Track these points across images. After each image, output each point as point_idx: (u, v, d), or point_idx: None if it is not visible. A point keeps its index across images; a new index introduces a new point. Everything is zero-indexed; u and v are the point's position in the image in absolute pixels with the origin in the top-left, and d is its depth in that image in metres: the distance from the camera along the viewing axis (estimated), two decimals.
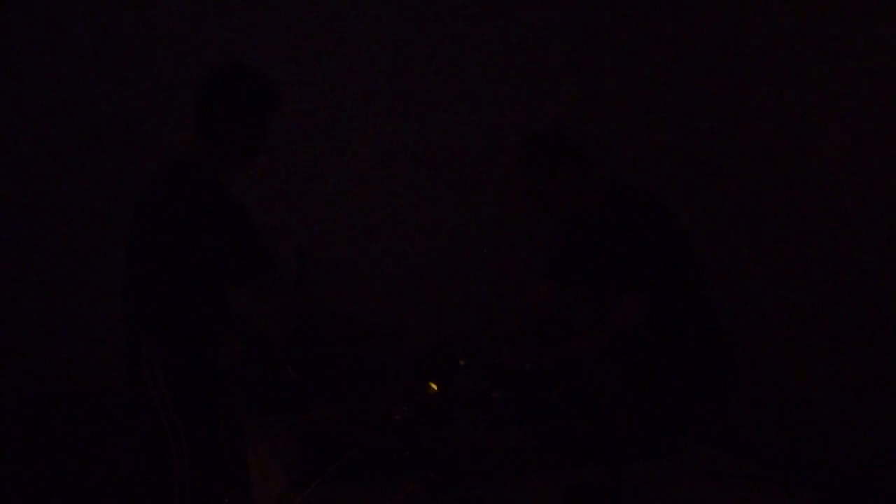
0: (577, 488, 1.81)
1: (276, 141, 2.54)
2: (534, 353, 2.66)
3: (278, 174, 5.07)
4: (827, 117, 4.16)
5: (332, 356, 2.76)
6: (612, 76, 5.65)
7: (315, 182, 5.36)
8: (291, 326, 2.68)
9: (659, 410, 2.43)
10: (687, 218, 2.80)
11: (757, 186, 4.63)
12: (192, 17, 5.02)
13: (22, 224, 4.96)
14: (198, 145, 2.51)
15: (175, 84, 4.96)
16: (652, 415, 2.34)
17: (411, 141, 5.50)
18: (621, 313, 2.62)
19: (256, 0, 5.15)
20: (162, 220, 2.41)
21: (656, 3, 5.28)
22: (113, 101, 4.97)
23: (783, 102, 4.42)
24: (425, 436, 2.12)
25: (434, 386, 2.56)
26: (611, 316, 2.65)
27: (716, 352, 2.74)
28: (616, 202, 2.67)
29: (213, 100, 2.49)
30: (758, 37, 4.58)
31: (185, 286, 2.43)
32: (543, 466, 2.01)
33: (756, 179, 4.63)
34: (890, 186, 3.85)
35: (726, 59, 4.79)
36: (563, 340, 2.70)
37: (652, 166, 5.20)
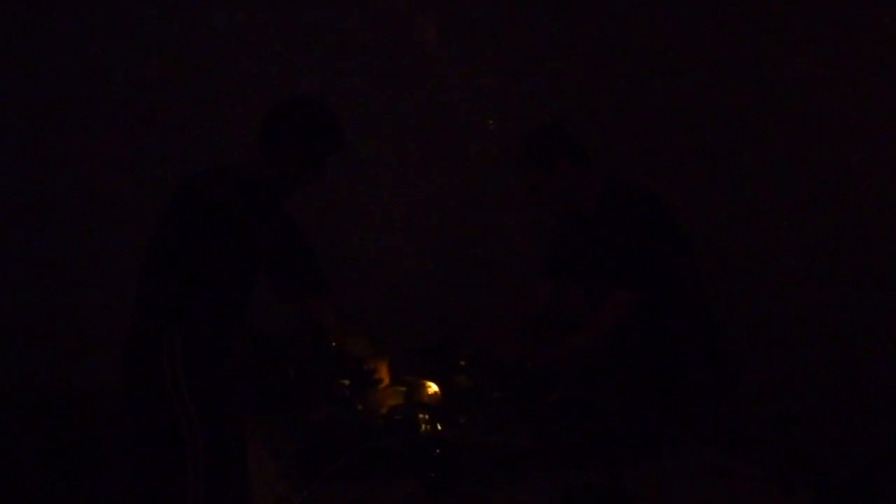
0: (577, 488, 1.81)
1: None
2: (531, 352, 2.67)
3: None
4: (825, 114, 4.16)
5: (331, 357, 2.77)
6: (613, 75, 5.64)
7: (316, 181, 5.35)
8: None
9: (657, 410, 2.43)
10: (686, 217, 2.80)
11: (756, 185, 4.63)
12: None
13: (21, 224, 4.95)
14: (256, 162, 2.57)
15: (167, 86, 4.96)
16: (650, 414, 2.34)
17: (412, 140, 5.49)
18: (609, 310, 2.63)
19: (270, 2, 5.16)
20: (221, 222, 2.44)
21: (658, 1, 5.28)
22: (108, 102, 4.97)
23: (781, 101, 4.42)
24: (425, 436, 2.12)
25: (434, 386, 2.57)
26: (599, 312, 2.66)
27: (711, 350, 2.74)
28: (612, 201, 2.68)
29: (284, 132, 2.56)
30: (755, 37, 4.58)
31: (221, 288, 2.47)
32: (543, 466, 2.01)
33: (755, 178, 4.63)
34: (889, 184, 3.86)
35: (724, 59, 4.79)
36: (556, 339, 2.71)
37: (650, 165, 5.19)
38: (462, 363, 2.77)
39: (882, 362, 3.86)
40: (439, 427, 2.22)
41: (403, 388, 2.61)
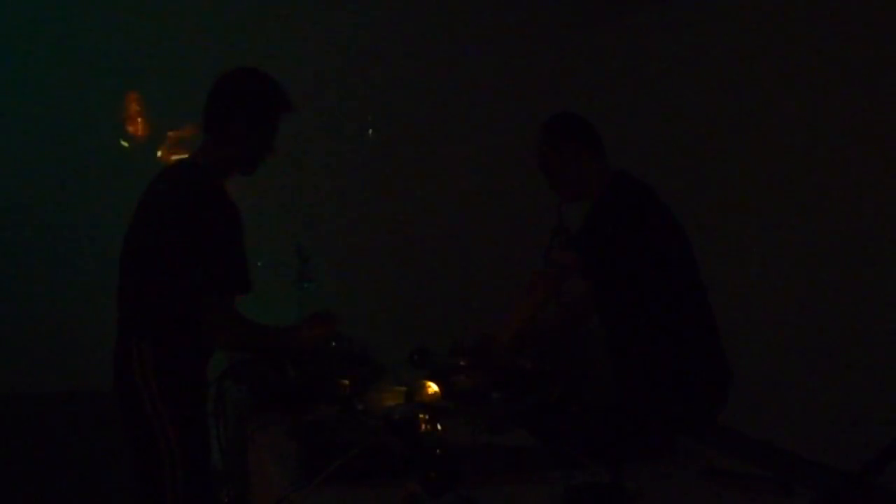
0: (577, 488, 1.81)
1: (282, 145, 2.57)
2: (507, 333, 2.71)
3: (279, 173, 5.09)
4: (823, 116, 4.16)
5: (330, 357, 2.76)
6: (613, 77, 5.65)
7: (315, 181, 5.36)
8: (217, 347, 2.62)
9: (657, 410, 2.43)
10: (687, 217, 2.80)
11: (756, 187, 4.63)
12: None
13: (21, 225, 4.96)
14: (207, 147, 2.52)
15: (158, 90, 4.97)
16: (650, 414, 2.34)
17: (411, 141, 5.50)
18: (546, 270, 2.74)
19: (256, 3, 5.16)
20: (165, 221, 2.41)
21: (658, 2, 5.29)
22: (105, 103, 4.98)
23: (781, 103, 4.43)
24: (425, 436, 2.12)
25: (434, 386, 2.57)
26: (534, 273, 2.74)
27: (707, 350, 2.73)
28: (612, 194, 2.68)
29: (226, 102, 2.50)
30: (755, 38, 4.58)
31: (182, 289, 2.40)
32: (543, 466, 2.01)
33: (754, 180, 4.63)
34: (886, 186, 3.86)
35: (725, 62, 4.80)
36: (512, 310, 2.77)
37: (651, 164, 5.20)
38: (462, 363, 2.77)
39: (882, 361, 3.86)
40: (439, 427, 2.22)
41: (403, 388, 2.61)
